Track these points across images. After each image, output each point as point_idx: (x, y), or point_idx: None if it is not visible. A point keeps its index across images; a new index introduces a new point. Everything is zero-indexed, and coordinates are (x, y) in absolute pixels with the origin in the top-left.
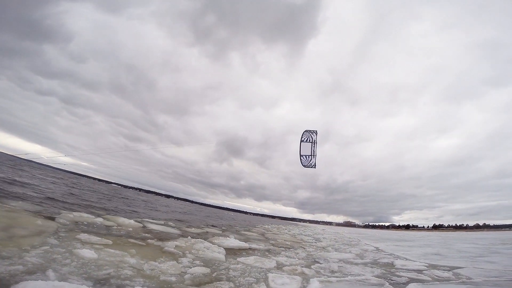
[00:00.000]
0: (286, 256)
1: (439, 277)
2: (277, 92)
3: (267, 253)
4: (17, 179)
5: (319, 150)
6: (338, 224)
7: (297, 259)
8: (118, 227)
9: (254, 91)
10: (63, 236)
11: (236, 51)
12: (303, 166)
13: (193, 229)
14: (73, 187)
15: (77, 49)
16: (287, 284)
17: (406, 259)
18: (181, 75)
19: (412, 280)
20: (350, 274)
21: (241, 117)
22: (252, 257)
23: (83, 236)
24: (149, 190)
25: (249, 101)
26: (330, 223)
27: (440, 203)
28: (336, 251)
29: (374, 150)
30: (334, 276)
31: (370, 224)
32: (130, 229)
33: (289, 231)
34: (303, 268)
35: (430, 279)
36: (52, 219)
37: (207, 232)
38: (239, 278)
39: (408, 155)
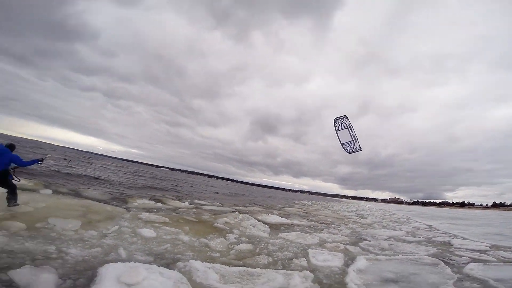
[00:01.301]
0: (329, 233)
1: (505, 258)
2: (306, 67)
3: (308, 229)
4: (86, 171)
5: (358, 123)
6: (383, 201)
7: (340, 235)
8: (173, 207)
9: (282, 68)
10: (129, 219)
11: (258, 30)
12: (348, 153)
13: (240, 207)
14: (133, 174)
15: (105, 44)
16: (329, 261)
17: (464, 239)
18: (208, 60)
19: (473, 260)
20: (401, 253)
21: (271, 95)
22: (294, 233)
23: (145, 216)
24: (194, 172)
25: (277, 78)
26: (374, 200)
27: (501, 179)
28: (383, 228)
29: (421, 120)
30: (383, 254)
31: (419, 201)
32: (184, 208)
33: (332, 207)
34: (347, 245)
35: (495, 259)
36: (120, 205)
37: (251, 209)
38: (277, 253)
39: (461, 125)
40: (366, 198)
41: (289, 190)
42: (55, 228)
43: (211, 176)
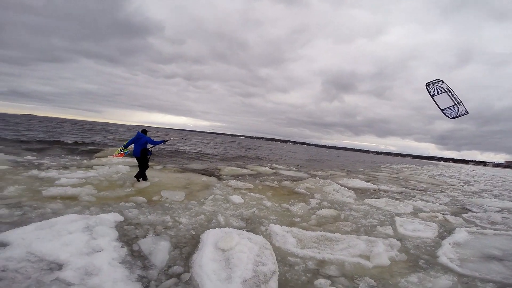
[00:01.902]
0: (423, 200)
1: None
2: (379, 18)
3: (398, 195)
4: (184, 147)
5: (458, 74)
6: (496, 165)
7: (438, 204)
8: (256, 173)
9: (348, 23)
10: (221, 187)
11: None
12: (453, 118)
13: (319, 172)
14: (221, 145)
15: (172, 33)
16: (420, 231)
17: None
18: (265, 28)
19: None
20: None
21: (341, 53)
22: (382, 200)
23: (233, 184)
24: (270, 138)
25: (344, 34)
26: (484, 163)
27: None
28: (495, 198)
29: None
30: (492, 228)
31: None
32: (266, 174)
33: (427, 171)
34: (447, 215)
35: None
36: (212, 174)
37: (332, 173)
38: (361, 220)
39: None
40: (472, 161)
41: (373, 152)
42: (167, 200)
43: (285, 141)
